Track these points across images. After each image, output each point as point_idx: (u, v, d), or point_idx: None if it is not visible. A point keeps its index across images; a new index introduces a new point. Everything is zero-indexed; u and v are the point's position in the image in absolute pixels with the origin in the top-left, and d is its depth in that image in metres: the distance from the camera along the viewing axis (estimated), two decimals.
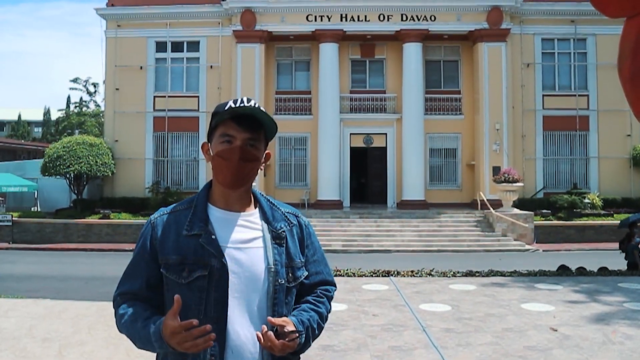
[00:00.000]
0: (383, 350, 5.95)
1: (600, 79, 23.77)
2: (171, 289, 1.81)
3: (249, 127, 1.82)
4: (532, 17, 23.83)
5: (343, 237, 19.58)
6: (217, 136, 1.85)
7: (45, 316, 7.88)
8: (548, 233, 20.16)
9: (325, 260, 2.05)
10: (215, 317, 1.74)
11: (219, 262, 1.77)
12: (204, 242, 1.79)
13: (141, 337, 1.74)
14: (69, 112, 50.31)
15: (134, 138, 24.17)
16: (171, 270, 1.80)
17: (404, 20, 23.23)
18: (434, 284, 9.70)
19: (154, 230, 1.87)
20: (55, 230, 20.72)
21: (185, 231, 1.82)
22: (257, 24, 23.31)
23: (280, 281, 1.83)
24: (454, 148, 24.52)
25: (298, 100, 24.70)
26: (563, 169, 24.12)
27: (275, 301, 1.82)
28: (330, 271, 2.07)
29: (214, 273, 1.77)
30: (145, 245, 1.86)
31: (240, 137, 1.82)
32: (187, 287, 1.77)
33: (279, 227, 1.90)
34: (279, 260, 1.85)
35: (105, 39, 24.63)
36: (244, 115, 1.82)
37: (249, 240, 1.85)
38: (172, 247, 1.81)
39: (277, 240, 1.87)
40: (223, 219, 1.86)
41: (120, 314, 1.82)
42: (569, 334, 6.51)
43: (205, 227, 1.82)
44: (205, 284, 1.77)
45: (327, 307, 1.98)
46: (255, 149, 1.85)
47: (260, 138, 1.87)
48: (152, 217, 1.92)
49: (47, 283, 12.22)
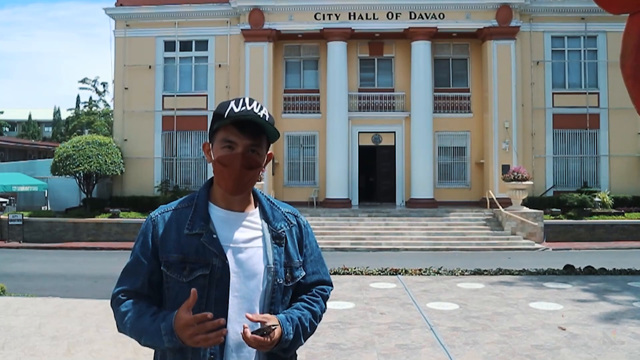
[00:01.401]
0: (390, 349, 5.94)
1: (610, 77, 23.59)
2: (171, 287, 1.81)
3: (250, 132, 1.80)
4: (541, 14, 23.67)
5: (351, 235, 19.56)
6: (218, 140, 1.83)
7: (54, 314, 7.93)
8: (558, 232, 20.02)
9: (322, 260, 2.04)
10: (216, 316, 1.72)
11: (220, 262, 1.77)
12: (205, 242, 1.79)
13: (149, 331, 1.72)
14: (79, 112, 50.58)
15: (143, 137, 24.27)
16: (172, 269, 1.80)
17: (412, 18, 23.15)
18: (442, 283, 9.68)
19: (155, 228, 1.86)
20: (65, 229, 20.83)
21: (187, 230, 1.82)
22: (265, 23, 23.31)
23: (279, 281, 1.84)
24: (463, 146, 24.42)
25: (306, 98, 24.70)
26: (573, 167, 23.96)
27: (272, 300, 1.83)
28: (327, 271, 2.06)
29: (215, 272, 1.77)
30: (146, 242, 1.85)
31: (242, 143, 1.80)
32: (188, 285, 1.76)
33: (279, 227, 1.90)
34: (278, 260, 1.85)
35: (114, 39, 24.73)
36: (245, 121, 1.79)
37: (249, 240, 1.85)
38: (173, 246, 1.81)
39: (276, 240, 1.87)
40: (224, 218, 1.86)
41: (122, 312, 1.81)
42: (578, 333, 6.47)
43: (206, 226, 1.81)
44: (206, 282, 1.77)
45: (322, 306, 1.97)
46: (257, 155, 1.83)
47: (262, 143, 1.85)
48: (153, 215, 1.91)
49: (56, 282, 12.30)
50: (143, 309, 1.78)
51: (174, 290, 1.80)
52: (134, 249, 1.89)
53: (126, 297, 1.84)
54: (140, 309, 1.78)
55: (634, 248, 18.27)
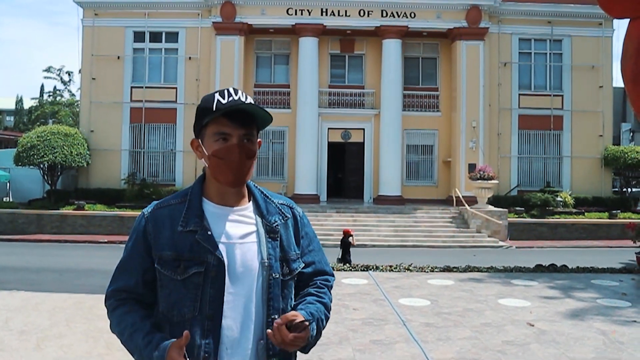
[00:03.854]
0: (365, 344, 6.01)
1: (574, 80, 24.22)
2: (165, 285, 1.78)
3: (243, 122, 1.79)
4: (510, 17, 24.11)
5: (319, 231, 19.58)
6: (209, 134, 1.81)
7: (21, 308, 7.78)
8: (521, 230, 20.48)
9: (321, 250, 2.03)
10: (211, 313, 1.72)
11: (215, 259, 1.75)
12: (200, 239, 1.77)
13: (142, 355, 1.72)
14: (43, 101, 49.36)
15: (110, 129, 23.84)
16: (166, 266, 1.77)
17: (384, 16, 23.30)
18: (413, 279, 9.81)
19: (148, 225, 1.83)
20: (28, 221, 20.34)
21: (181, 227, 1.79)
22: (237, 16, 23.15)
23: (275, 275, 1.81)
24: (430, 145, 24.72)
25: (277, 93, 24.64)
26: (537, 167, 24.50)
27: (270, 295, 1.80)
28: (327, 261, 2.05)
29: (210, 269, 1.75)
30: (139, 240, 1.83)
31: (236, 133, 1.78)
32: (182, 283, 1.75)
33: (273, 221, 1.88)
34: (272, 254, 1.82)
35: (82, 28, 24.19)
36: (236, 111, 1.78)
37: (244, 236, 1.82)
38: (167, 243, 1.78)
39: (271, 235, 1.85)
40: (218, 214, 1.83)
41: (116, 319, 1.81)
42: (546, 329, 6.66)
43: (200, 222, 1.79)
44: (201, 280, 1.74)
45: (330, 296, 1.97)
46: (251, 143, 1.82)
47: (253, 131, 1.84)
48: (145, 211, 1.88)
49: (20, 275, 12.01)
50: (137, 323, 1.77)
51: (167, 288, 1.77)
52: (127, 246, 1.86)
53: (119, 299, 1.83)
54: (134, 323, 1.77)
55: (593, 247, 18.82)
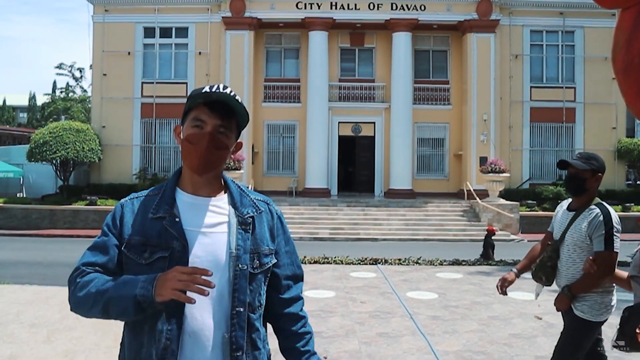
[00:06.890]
0: (371, 337, 6.02)
1: (587, 72, 23.96)
2: (131, 268, 1.79)
3: (220, 113, 1.82)
4: (521, 8, 23.90)
5: (330, 225, 19.65)
6: (189, 120, 1.85)
7: (32, 302, 7.87)
8: (533, 223, 20.35)
9: (296, 253, 2.05)
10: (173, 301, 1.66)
11: (180, 245, 1.76)
12: (167, 225, 1.79)
13: (118, 284, 1.69)
14: (55, 98, 49.75)
15: (122, 124, 24.00)
16: (132, 250, 1.79)
17: (393, 9, 23.19)
18: (421, 272, 9.80)
19: (122, 211, 1.87)
20: (41, 216, 20.56)
21: (151, 214, 1.82)
22: (247, 11, 23.16)
23: (242, 267, 1.81)
24: (441, 138, 24.62)
25: (287, 88, 24.64)
26: (549, 160, 24.31)
27: (235, 287, 1.79)
28: (300, 263, 2.06)
29: (174, 255, 1.76)
30: (112, 225, 1.85)
31: (211, 122, 1.81)
32: (147, 267, 1.75)
33: (246, 213, 1.88)
34: (242, 245, 1.83)
35: (93, 24, 24.33)
36: (217, 101, 1.81)
37: (214, 225, 1.83)
38: (138, 229, 1.81)
39: (242, 226, 1.85)
40: (190, 203, 1.85)
41: (85, 280, 1.75)
42: (553, 322, 6.62)
43: (170, 210, 1.81)
44: (165, 265, 1.74)
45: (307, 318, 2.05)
46: (225, 137, 1.84)
47: (231, 126, 1.86)
48: (122, 200, 1.92)
49: (33, 269, 12.16)
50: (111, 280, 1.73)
51: (132, 272, 1.77)
52: (102, 230, 1.88)
53: (92, 270, 1.78)
54: (107, 279, 1.74)
55: None
